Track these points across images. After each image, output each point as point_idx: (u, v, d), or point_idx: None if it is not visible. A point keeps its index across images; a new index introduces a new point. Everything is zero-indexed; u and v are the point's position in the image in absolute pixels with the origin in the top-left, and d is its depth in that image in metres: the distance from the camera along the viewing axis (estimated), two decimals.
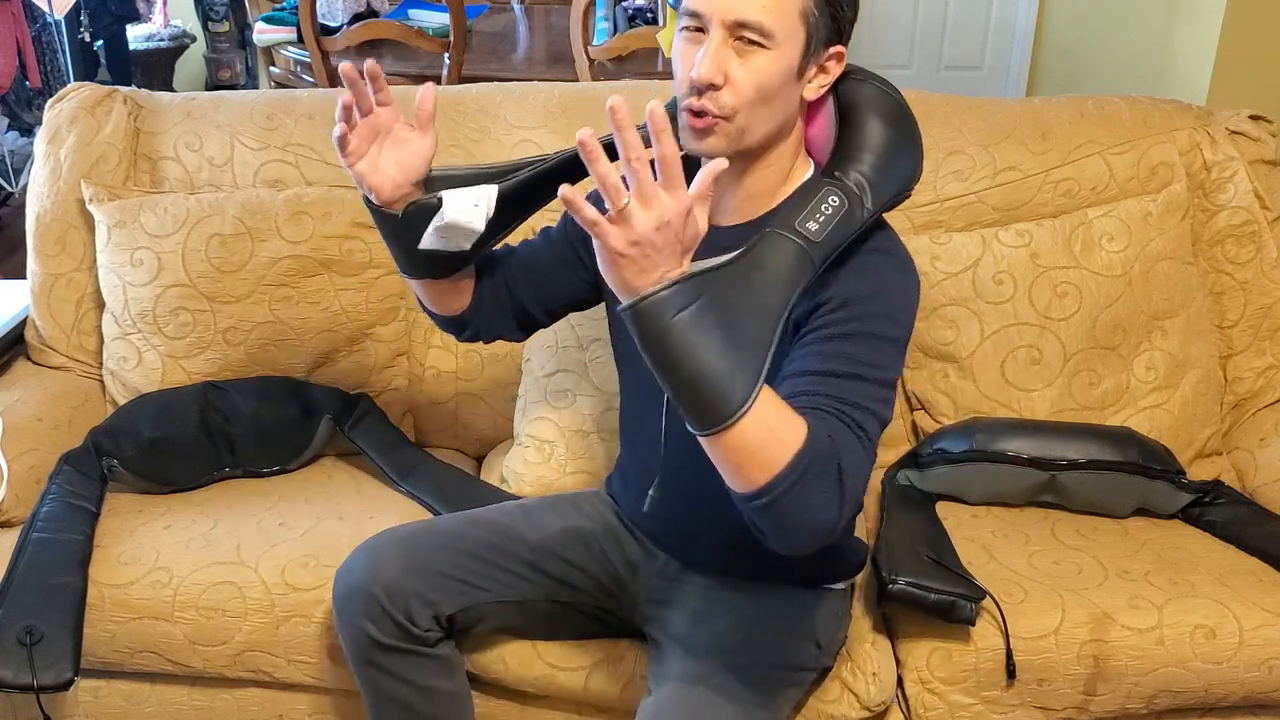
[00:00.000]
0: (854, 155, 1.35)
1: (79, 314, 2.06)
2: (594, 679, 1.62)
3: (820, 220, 1.29)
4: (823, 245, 1.29)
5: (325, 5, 3.69)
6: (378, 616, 1.50)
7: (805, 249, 1.27)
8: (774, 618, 1.51)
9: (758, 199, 1.42)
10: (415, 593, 1.51)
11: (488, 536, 1.59)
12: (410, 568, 1.52)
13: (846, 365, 1.28)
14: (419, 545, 1.56)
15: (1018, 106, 2.14)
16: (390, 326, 2.03)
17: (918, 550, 1.65)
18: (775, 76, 1.30)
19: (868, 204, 1.33)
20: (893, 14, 5.41)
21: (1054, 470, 1.84)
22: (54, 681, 1.54)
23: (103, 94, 2.10)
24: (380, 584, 1.50)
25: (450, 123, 2.09)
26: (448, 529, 1.61)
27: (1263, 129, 2.09)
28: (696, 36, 1.32)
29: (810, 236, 1.27)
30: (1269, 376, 2.06)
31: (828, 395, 1.25)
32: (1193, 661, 1.60)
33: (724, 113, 1.30)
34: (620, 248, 1.11)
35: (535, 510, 1.67)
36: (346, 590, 1.53)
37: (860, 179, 1.34)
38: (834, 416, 1.23)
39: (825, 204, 1.30)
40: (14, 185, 4.22)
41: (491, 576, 1.57)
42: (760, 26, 1.28)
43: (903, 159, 1.39)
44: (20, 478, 1.79)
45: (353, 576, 1.53)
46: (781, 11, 1.29)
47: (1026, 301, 1.93)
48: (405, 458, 1.91)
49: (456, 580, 1.54)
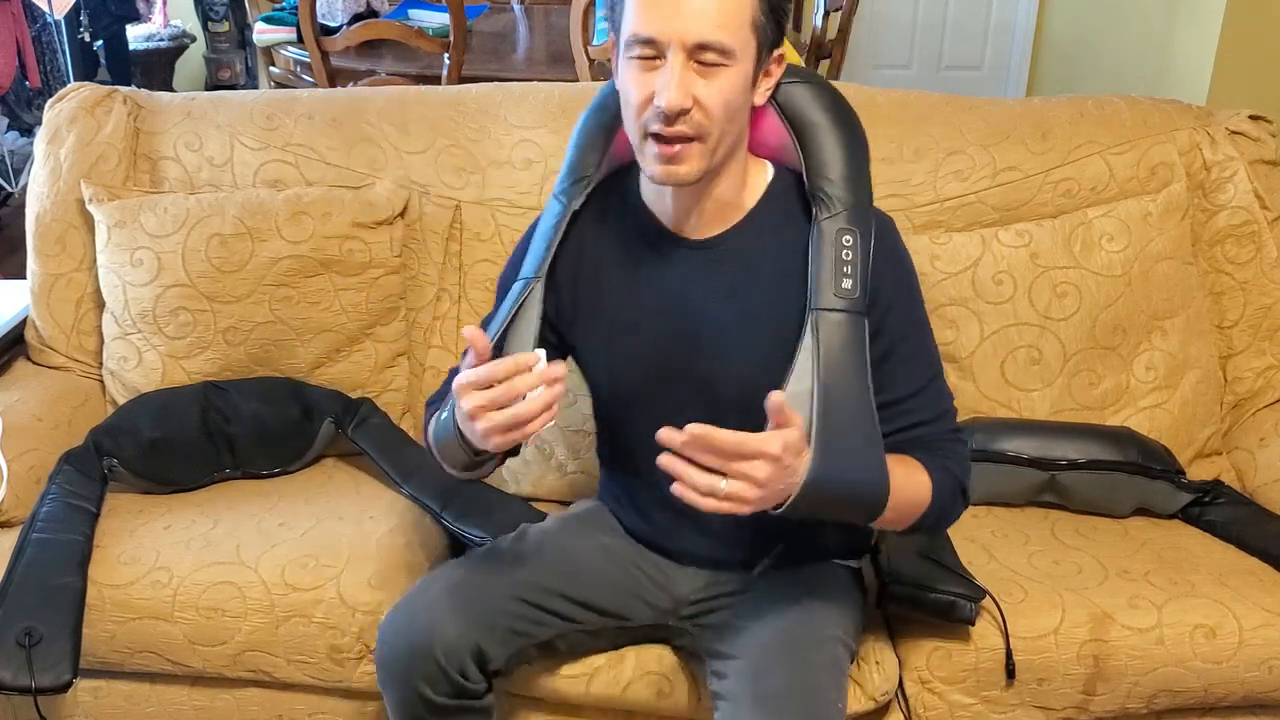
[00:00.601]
0: (831, 164, 1.42)
1: (79, 314, 2.06)
2: (595, 683, 1.61)
3: (849, 269, 1.38)
4: (862, 285, 1.38)
5: (325, 5, 3.69)
6: (435, 678, 1.43)
7: (856, 308, 1.38)
8: (809, 596, 1.52)
9: (725, 209, 1.44)
10: (471, 648, 1.44)
11: (528, 577, 1.52)
12: (467, 623, 1.44)
13: (928, 369, 1.47)
14: (470, 598, 1.47)
15: (1018, 106, 2.14)
16: (390, 326, 2.03)
17: (917, 550, 1.64)
18: (737, 91, 1.32)
19: (863, 199, 1.41)
20: (893, 14, 5.41)
21: (1054, 470, 1.84)
22: (53, 683, 1.53)
23: (102, 94, 2.10)
24: (441, 645, 1.42)
25: (450, 123, 2.09)
26: (490, 574, 1.52)
27: (1263, 129, 2.09)
28: (651, 64, 1.31)
29: (850, 293, 1.38)
30: (1269, 376, 2.06)
31: (928, 421, 1.45)
32: (1192, 661, 1.60)
33: (698, 133, 1.31)
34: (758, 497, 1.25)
35: (559, 537, 1.61)
36: (401, 652, 1.44)
37: (848, 183, 1.40)
38: (940, 441, 1.45)
39: (845, 250, 1.39)
40: (14, 185, 4.22)
41: (536, 620, 1.51)
42: (720, 45, 1.29)
43: (861, 142, 1.46)
44: (20, 478, 1.79)
45: (407, 637, 1.44)
46: (736, 26, 1.30)
47: (1026, 301, 1.93)
48: (407, 459, 1.91)
49: (506, 629, 1.48)
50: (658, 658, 1.61)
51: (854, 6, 3.64)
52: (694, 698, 1.59)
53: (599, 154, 1.50)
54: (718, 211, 1.44)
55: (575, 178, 1.50)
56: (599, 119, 1.51)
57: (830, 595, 1.53)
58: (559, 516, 1.69)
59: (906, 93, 2.15)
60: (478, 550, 1.61)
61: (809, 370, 1.35)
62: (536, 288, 1.47)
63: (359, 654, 1.65)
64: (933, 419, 1.46)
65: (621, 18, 1.34)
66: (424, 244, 2.06)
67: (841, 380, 1.34)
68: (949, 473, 1.43)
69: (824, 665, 1.43)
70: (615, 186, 1.51)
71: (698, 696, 1.59)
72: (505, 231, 2.05)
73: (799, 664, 1.42)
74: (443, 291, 2.07)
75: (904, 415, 1.43)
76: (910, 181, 2.04)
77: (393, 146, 2.08)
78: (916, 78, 5.48)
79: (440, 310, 2.07)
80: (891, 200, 2.03)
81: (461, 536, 1.76)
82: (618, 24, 1.35)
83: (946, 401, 1.48)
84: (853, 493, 1.34)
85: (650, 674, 1.60)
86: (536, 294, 1.47)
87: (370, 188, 2.02)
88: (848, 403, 1.34)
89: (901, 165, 2.04)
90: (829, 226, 1.40)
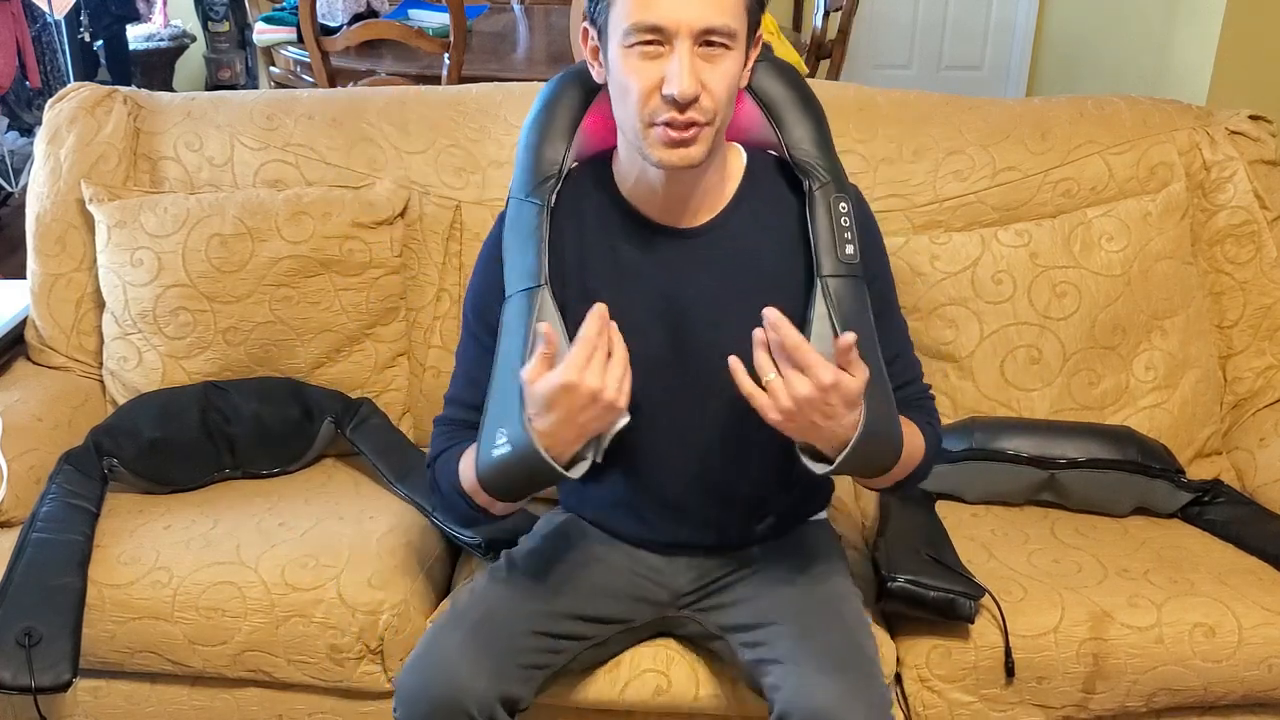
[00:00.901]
0: (806, 137, 1.47)
1: (79, 314, 2.06)
2: (592, 687, 1.61)
3: (850, 234, 1.42)
4: (861, 252, 1.42)
5: (325, 5, 3.69)
6: None
7: (857, 272, 1.41)
8: (811, 558, 1.57)
9: (711, 194, 1.46)
10: (500, 696, 1.41)
11: (537, 607, 1.50)
12: (492, 672, 1.42)
13: (904, 333, 1.55)
14: (491, 643, 1.44)
15: (1017, 106, 2.14)
16: (390, 326, 2.03)
17: (917, 548, 1.65)
18: (737, 74, 1.35)
19: (838, 167, 1.47)
20: (893, 14, 5.41)
21: (1053, 469, 1.84)
22: (52, 683, 1.54)
23: (103, 94, 2.10)
24: (471, 699, 1.39)
25: (450, 123, 2.10)
26: (502, 613, 1.49)
27: (1262, 129, 2.09)
28: (655, 51, 1.29)
29: (852, 258, 1.42)
30: (1269, 376, 2.06)
31: (910, 381, 1.52)
32: (1192, 660, 1.60)
33: (707, 118, 1.32)
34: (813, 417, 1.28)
35: (552, 557, 1.58)
36: (428, 712, 1.40)
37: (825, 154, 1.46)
38: (920, 400, 1.52)
39: (843, 217, 1.42)
40: (14, 185, 4.22)
41: (552, 649, 1.50)
42: (727, 29, 1.30)
43: (822, 114, 1.50)
44: (20, 478, 1.79)
45: (433, 697, 1.40)
46: (736, 9, 1.32)
47: (1026, 301, 1.93)
48: (404, 460, 1.91)
49: (528, 667, 1.46)
50: (653, 655, 1.61)
51: (854, 6, 3.64)
52: (692, 690, 1.59)
53: (561, 150, 1.47)
54: (705, 198, 1.45)
55: (541, 179, 1.46)
56: (551, 116, 1.48)
57: (827, 553, 1.59)
58: (541, 534, 1.64)
59: (906, 93, 2.15)
60: (479, 587, 1.55)
61: (828, 334, 1.35)
62: (543, 293, 1.42)
63: (359, 654, 1.65)
64: (915, 378, 1.54)
65: (609, 10, 1.33)
66: (424, 244, 2.06)
67: (862, 340, 1.33)
68: (933, 429, 1.50)
69: (857, 619, 1.50)
70: (582, 182, 1.49)
71: (696, 688, 1.59)
72: None
73: (839, 620, 1.47)
74: (443, 291, 2.07)
75: (896, 375, 1.46)
76: (910, 181, 2.04)
77: (393, 146, 2.08)
78: (916, 78, 5.48)
79: (440, 310, 2.07)
80: (891, 200, 2.03)
81: (455, 539, 1.76)
82: (602, 16, 1.34)
83: (919, 366, 1.57)
84: (886, 448, 1.37)
85: (646, 672, 1.60)
86: (547, 300, 1.41)
87: (370, 188, 2.03)
88: (870, 362, 1.33)
89: (901, 165, 2.04)
90: (822, 195, 1.43)
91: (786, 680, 1.39)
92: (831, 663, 1.39)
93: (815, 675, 1.38)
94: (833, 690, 1.36)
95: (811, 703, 1.35)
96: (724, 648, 1.55)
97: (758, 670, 1.46)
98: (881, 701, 1.39)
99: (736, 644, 1.51)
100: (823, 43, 3.64)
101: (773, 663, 1.43)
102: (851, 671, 1.39)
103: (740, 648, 1.50)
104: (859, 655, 1.43)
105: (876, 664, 1.44)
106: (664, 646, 1.62)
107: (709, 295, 1.45)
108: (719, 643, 1.56)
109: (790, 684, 1.39)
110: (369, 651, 1.64)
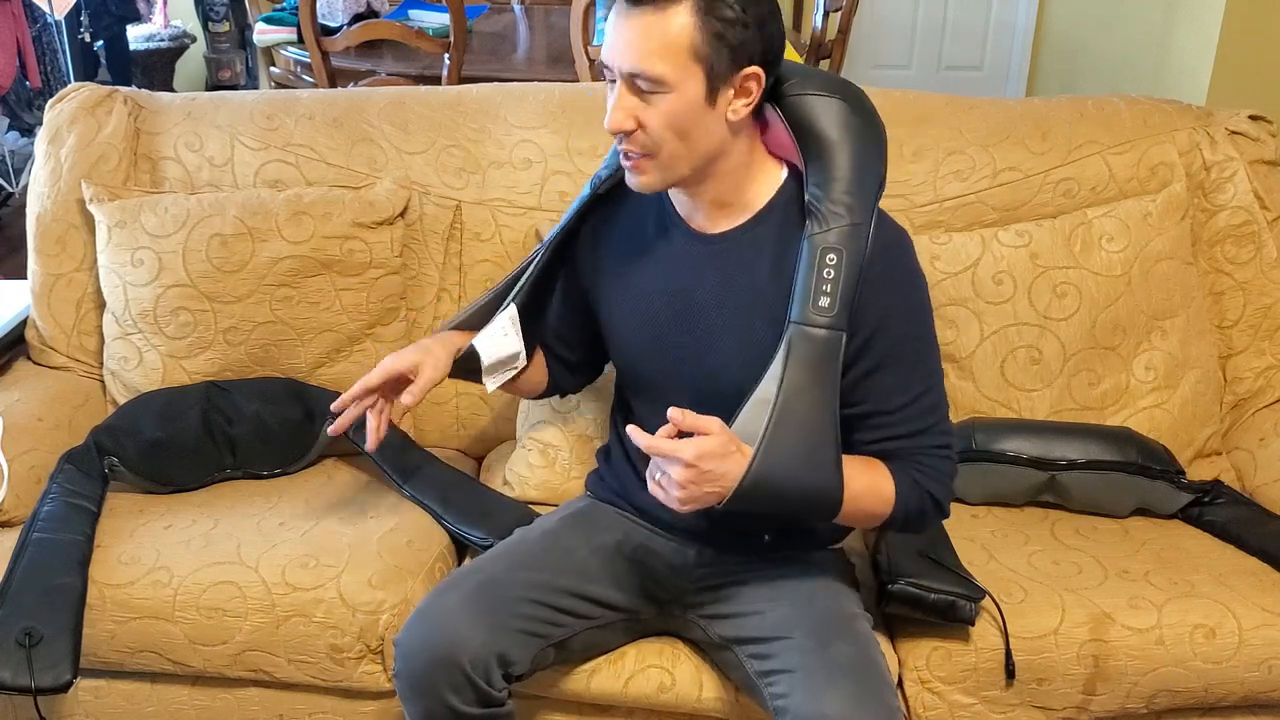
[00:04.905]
0: (835, 181, 1.43)
1: (79, 314, 2.06)
2: (596, 679, 1.62)
3: (829, 287, 1.41)
4: (842, 303, 1.40)
5: (325, 5, 3.69)
6: (461, 686, 1.43)
7: (832, 325, 1.41)
8: (822, 578, 1.58)
9: (732, 208, 1.50)
10: (496, 654, 1.45)
11: (538, 577, 1.54)
12: (489, 629, 1.45)
13: (918, 385, 1.47)
14: (489, 604, 1.48)
15: (1018, 106, 2.14)
16: (390, 327, 2.03)
17: (917, 550, 1.65)
18: (683, 113, 1.38)
19: (858, 219, 1.42)
20: (893, 14, 5.42)
21: (1053, 470, 1.84)
22: (53, 683, 1.54)
23: (103, 94, 2.10)
24: (467, 654, 1.43)
25: (450, 123, 2.10)
26: (504, 577, 1.53)
27: (1262, 129, 2.09)
28: (612, 86, 1.41)
29: (826, 311, 1.41)
30: (1269, 376, 2.06)
31: (908, 435, 1.47)
32: (1192, 661, 1.60)
33: (647, 150, 1.40)
34: (687, 479, 1.34)
35: (562, 536, 1.63)
36: (425, 663, 1.44)
37: (848, 202, 1.42)
38: (917, 455, 1.47)
39: (828, 269, 1.41)
40: (14, 185, 4.22)
41: (551, 620, 1.52)
42: (649, 75, 1.35)
43: (874, 164, 1.47)
44: (20, 478, 1.79)
45: (430, 647, 1.44)
46: (669, 56, 1.35)
47: (1026, 301, 1.93)
48: (408, 460, 1.91)
49: (525, 633, 1.49)
50: (658, 651, 1.62)
51: (854, 6, 3.64)
52: (695, 691, 1.59)
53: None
54: (722, 210, 1.50)
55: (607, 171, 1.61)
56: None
57: (839, 576, 1.60)
58: (557, 516, 1.70)
59: (906, 93, 2.15)
60: (485, 555, 1.62)
61: (776, 379, 1.40)
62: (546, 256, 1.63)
63: (359, 654, 1.65)
64: (913, 433, 1.48)
65: None
66: (424, 244, 2.06)
67: (803, 393, 1.40)
68: (916, 485, 1.47)
69: (869, 638, 1.50)
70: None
71: (699, 689, 1.59)
72: (505, 232, 2.05)
73: (853, 637, 1.48)
74: (443, 291, 2.07)
75: (884, 427, 1.48)
76: (910, 182, 2.05)
77: (393, 146, 2.08)
78: (916, 78, 5.48)
79: (440, 310, 2.07)
80: (891, 200, 2.03)
81: (463, 538, 1.77)
82: None
83: (935, 417, 1.49)
84: (799, 494, 1.41)
85: (651, 667, 1.60)
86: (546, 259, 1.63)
87: (370, 188, 2.03)
88: (806, 413, 1.40)
89: (901, 165, 2.04)
90: (816, 242, 1.42)
91: (795, 688, 1.40)
92: (842, 673, 1.40)
93: (826, 684, 1.39)
94: (843, 699, 1.36)
95: (821, 710, 1.36)
96: (730, 659, 1.55)
97: (764, 681, 1.47)
98: (892, 715, 1.39)
99: (744, 655, 1.52)
100: (822, 43, 3.63)
101: (782, 673, 1.44)
102: (863, 682, 1.40)
103: (748, 659, 1.51)
104: (871, 667, 1.44)
105: (888, 679, 1.45)
106: (670, 644, 1.63)
107: (710, 297, 1.51)
108: (725, 654, 1.56)
109: (800, 692, 1.39)
110: (369, 651, 1.65)
